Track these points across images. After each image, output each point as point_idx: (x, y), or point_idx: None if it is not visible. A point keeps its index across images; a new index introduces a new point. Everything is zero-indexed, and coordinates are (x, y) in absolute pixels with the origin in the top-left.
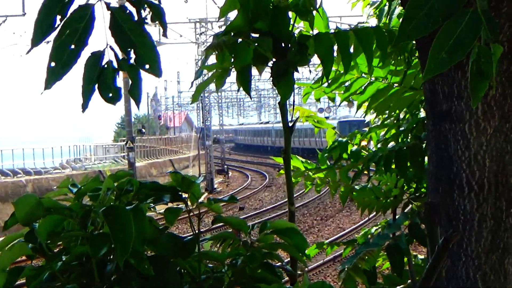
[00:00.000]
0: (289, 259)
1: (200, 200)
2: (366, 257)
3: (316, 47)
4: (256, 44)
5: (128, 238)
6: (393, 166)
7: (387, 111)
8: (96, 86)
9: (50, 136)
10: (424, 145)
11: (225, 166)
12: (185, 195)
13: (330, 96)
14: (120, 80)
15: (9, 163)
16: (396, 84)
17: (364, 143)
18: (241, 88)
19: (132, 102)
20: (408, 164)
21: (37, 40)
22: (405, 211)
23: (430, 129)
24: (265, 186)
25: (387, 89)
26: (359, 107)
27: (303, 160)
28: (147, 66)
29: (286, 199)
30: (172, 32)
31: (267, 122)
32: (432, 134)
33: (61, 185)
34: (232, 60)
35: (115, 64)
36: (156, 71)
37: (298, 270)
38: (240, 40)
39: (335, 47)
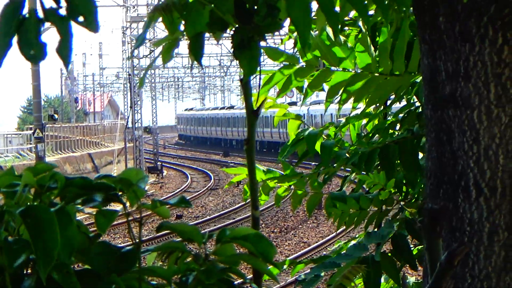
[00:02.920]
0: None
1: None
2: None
3: (288, 8)
4: (213, 4)
5: (52, 246)
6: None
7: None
8: (16, 40)
9: None
10: (417, 140)
11: (159, 163)
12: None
13: (298, 86)
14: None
15: None
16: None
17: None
18: (190, 62)
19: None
20: (397, 162)
21: None
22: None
23: (429, 117)
24: (209, 189)
25: (378, 79)
26: (345, 100)
27: (265, 169)
28: (80, 19)
29: (235, 206)
30: None
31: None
32: (431, 123)
33: None
34: (182, 26)
35: (40, 13)
36: (92, 25)
37: None
38: None
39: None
